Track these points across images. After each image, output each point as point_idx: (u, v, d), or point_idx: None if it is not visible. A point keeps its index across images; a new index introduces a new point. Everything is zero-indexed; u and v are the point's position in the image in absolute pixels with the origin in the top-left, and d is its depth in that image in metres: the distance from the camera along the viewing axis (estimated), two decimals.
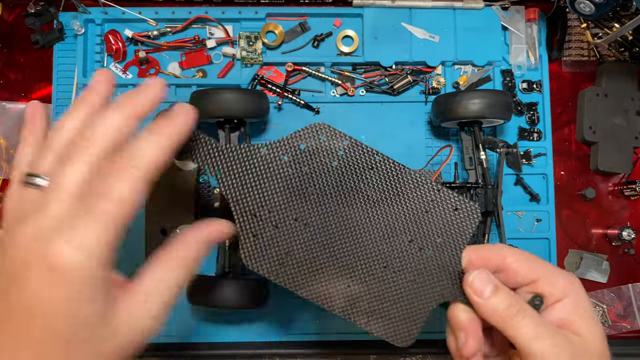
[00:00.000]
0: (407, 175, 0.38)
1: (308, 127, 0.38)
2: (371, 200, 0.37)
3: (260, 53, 0.63)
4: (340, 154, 0.37)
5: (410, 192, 0.38)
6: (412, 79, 0.64)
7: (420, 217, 0.37)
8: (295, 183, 0.37)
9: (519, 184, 0.64)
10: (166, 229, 0.57)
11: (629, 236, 0.63)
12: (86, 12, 0.63)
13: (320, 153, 0.37)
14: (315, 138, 0.37)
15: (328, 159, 0.37)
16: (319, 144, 0.37)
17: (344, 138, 0.38)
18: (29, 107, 0.33)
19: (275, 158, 0.37)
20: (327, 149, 0.37)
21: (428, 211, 0.38)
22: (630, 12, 0.54)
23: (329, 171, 0.37)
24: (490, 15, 0.65)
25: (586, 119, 0.65)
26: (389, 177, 0.38)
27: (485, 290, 0.34)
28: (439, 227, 0.37)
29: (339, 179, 0.37)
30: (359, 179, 0.37)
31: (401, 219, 0.37)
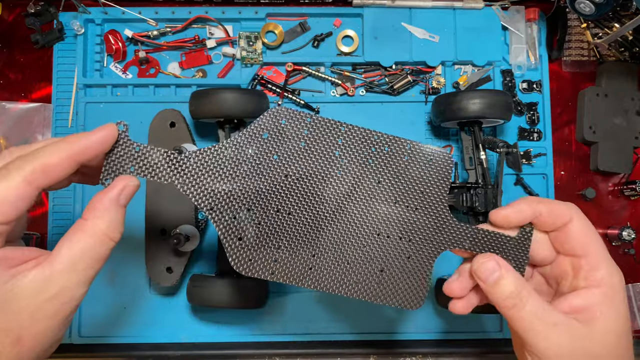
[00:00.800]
0: (377, 138, 0.37)
1: (266, 114, 0.36)
2: (348, 172, 0.37)
3: (260, 53, 0.63)
4: (305, 133, 0.36)
5: (384, 154, 0.37)
6: (412, 79, 0.64)
7: (399, 177, 0.37)
8: (268, 174, 0.36)
9: (519, 184, 0.64)
10: (166, 229, 0.57)
11: (629, 236, 0.63)
12: (86, 12, 0.63)
13: (285, 137, 0.36)
14: (276, 123, 0.36)
15: (294, 141, 0.36)
16: (281, 129, 0.36)
17: (305, 116, 0.36)
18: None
19: (241, 154, 0.36)
20: (291, 132, 0.36)
21: (405, 168, 0.37)
22: (630, 12, 0.54)
23: (299, 153, 0.36)
24: (490, 15, 0.65)
25: (586, 119, 0.65)
26: (360, 144, 0.37)
27: (489, 279, 0.34)
28: (419, 181, 0.37)
29: (311, 158, 0.36)
30: (330, 153, 0.37)
31: (382, 182, 0.37)
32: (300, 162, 0.36)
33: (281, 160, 0.36)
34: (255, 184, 0.36)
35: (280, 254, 0.36)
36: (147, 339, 0.61)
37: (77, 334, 0.60)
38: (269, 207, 0.36)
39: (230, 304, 0.54)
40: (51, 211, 0.62)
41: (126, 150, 0.34)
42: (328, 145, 0.37)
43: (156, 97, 0.63)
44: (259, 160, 0.36)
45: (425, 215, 0.37)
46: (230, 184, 0.36)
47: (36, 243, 0.61)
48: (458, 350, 0.60)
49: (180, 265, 0.57)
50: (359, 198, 0.37)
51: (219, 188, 0.35)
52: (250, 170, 0.36)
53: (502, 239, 0.37)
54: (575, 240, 0.35)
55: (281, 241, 0.36)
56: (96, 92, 0.63)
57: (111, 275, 0.61)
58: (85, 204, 0.62)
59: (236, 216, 0.35)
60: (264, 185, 0.36)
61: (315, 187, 0.36)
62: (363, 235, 0.37)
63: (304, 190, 0.36)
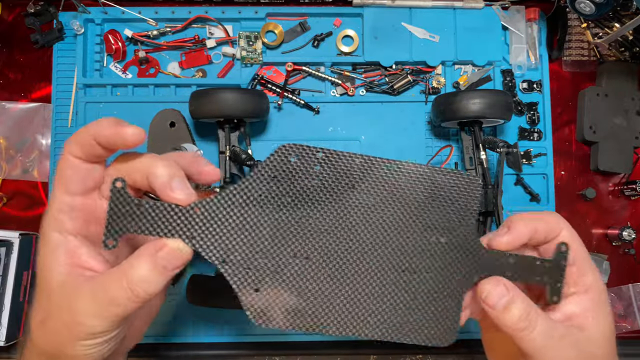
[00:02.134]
0: (396, 168, 0.35)
1: (274, 153, 0.33)
2: (366, 207, 0.34)
3: (260, 53, 0.63)
4: (317, 169, 0.34)
5: (404, 185, 0.35)
6: (412, 78, 0.64)
7: (422, 207, 0.35)
8: (281, 217, 0.33)
9: (519, 184, 0.64)
10: None
11: (629, 236, 0.63)
12: (86, 12, 0.63)
13: (295, 177, 0.33)
14: (285, 162, 0.33)
15: (306, 179, 0.34)
16: (291, 168, 0.33)
17: (316, 151, 0.34)
18: None
19: (251, 199, 0.33)
20: (302, 170, 0.34)
21: (427, 198, 0.35)
22: (630, 12, 0.54)
23: (312, 192, 0.34)
24: (491, 15, 0.65)
25: (586, 119, 0.65)
26: (377, 176, 0.34)
27: (498, 304, 0.34)
28: (444, 210, 0.35)
29: (324, 196, 0.34)
30: (346, 188, 0.34)
31: (404, 215, 0.35)
32: (313, 200, 0.34)
33: (294, 200, 0.34)
34: (267, 229, 0.33)
35: (302, 302, 0.33)
36: (147, 339, 0.61)
37: None
38: (285, 252, 0.33)
39: (230, 304, 0.54)
40: None
41: (125, 207, 0.32)
42: (342, 180, 0.34)
43: (156, 97, 0.63)
44: (270, 203, 0.33)
45: (453, 247, 0.35)
46: (241, 232, 0.33)
47: (36, 243, 0.61)
48: (458, 350, 0.60)
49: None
50: (381, 234, 0.34)
51: (229, 238, 0.33)
52: (262, 215, 0.33)
53: (537, 263, 0.35)
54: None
55: (301, 288, 0.33)
56: (96, 92, 0.63)
57: None
58: None
59: (251, 266, 0.33)
60: (277, 230, 0.33)
61: (333, 227, 0.34)
62: (388, 275, 0.34)
63: (321, 231, 0.34)
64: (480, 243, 0.35)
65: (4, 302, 0.57)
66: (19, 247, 0.58)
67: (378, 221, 0.35)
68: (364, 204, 0.34)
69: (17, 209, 0.63)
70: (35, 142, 0.64)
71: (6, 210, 0.63)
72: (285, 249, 0.33)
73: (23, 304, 0.60)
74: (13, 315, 0.58)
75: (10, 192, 0.63)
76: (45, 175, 0.63)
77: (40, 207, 0.63)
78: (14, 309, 0.58)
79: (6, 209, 0.63)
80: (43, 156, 0.63)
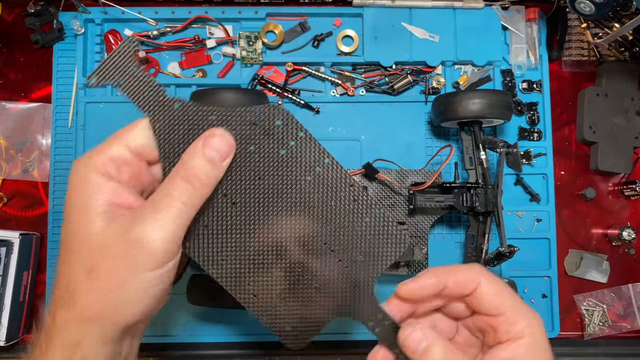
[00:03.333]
0: (349, 187, 0.36)
1: (265, 107, 0.35)
2: (305, 201, 0.35)
3: (260, 53, 0.63)
4: (291, 144, 0.35)
5: (345, 204, 0.36)
6: (412, 78, 0.64)
7: (347, 230, 0.36)
8: (238, 159, 0.35)
9: (519, 184, 0.64)
10: None
11: (629, 236, 0.63)
12: (86, 12, 0.63)
13: (271, 137, 0.35)
14: (270, 120, 0.35)
15: (277, 145, 0.35)
16: (272, 127, 0.35)
17: (300, 129, 0.35)
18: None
19: (223, 125, 0.35)
20: (280, 135, 0.35)
21: (353, 225, 0.36)
22: (630, 12, 0.54)
23: (275, 160, 0.35)
24: (490, 15, 0.65)
25: (586, 119, 0.65)
26: (331, 181, 0.35)
27: (417, 349, 0.34)
28: (363, 245, 0.36)
29: (284, 170, 0.35)
30: (301, 175, 0.35)
31: (329, 225, 0.36)
32: (270, 165, 0.35)
33: (255, 154, 0.35)
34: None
35: (222, 247, 0.35)
36: (147, 339, 0.61)
37: None
38: (223, 191, 0.35)
39: (230, 304, 0.54)
40: (51, 211, 0.62)
41: (126, 60, 0.33)
42: (305, 166, 0.35)
43: None
44: (236, 142, 0.35)
45: (350, 276, 0.36)
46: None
47: (36, 243, 0.61)
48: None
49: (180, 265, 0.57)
50: (300, 232, 0.36)
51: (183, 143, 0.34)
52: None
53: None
54: (488, 303, 0.35)
55: (222, 228, 0.35)
56: (96, 92, 0.63)
57: None
58: None
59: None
60: (231, 168, 0.35)
61: (268, 197, 0.35)
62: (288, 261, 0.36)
63: (258, 193, 0.35)
64: (373, 294, 0.36)
65: (4, 302, 0.57)
66: (19, 247, 0.58)
67: (304, 219, 0.36)
68: (305, 196, 0.35)
69: (17, 209, 0.63)
70: (35, 142, 0.64)
71: (6, 210, 0.63)
72: (225, 188, 0.35)
73: (23, 304, 0.60)
74: (13, 315, 0.58)
75: (10, 192, 0.63)
76: (46, 175, 0.63)
77: (41, 207, 0.63)
78: (14, 309, 0.58)
79: (6, 209, 0.63)
80: (43, 156, 0.63)
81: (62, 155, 0.62)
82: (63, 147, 0.62)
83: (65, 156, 0.62)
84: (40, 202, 0.63)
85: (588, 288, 0.65)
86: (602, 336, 0.64)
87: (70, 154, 0.62)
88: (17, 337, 0.60)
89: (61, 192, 0.62)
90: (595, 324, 0.64)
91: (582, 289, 0.65)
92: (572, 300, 0.65)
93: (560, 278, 0.64)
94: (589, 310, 0.64)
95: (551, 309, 0.63)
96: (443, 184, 0.58)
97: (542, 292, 0.63)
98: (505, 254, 0.55)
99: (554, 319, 0.63)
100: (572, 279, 0.65)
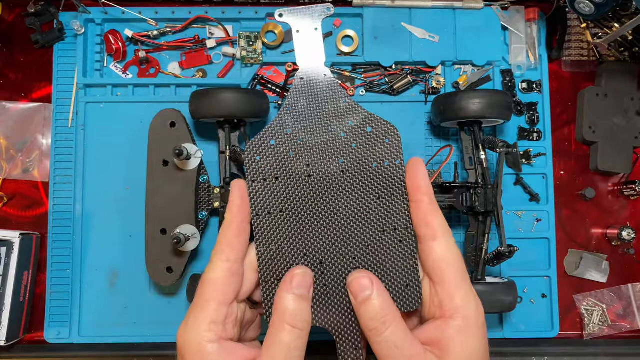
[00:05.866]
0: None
1: (386, 123, 0.38)
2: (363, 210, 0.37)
3: (260, 53, 0.63)
4: (385, 164, 0.37)
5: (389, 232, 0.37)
6: (412, 79, 0.64)
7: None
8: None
9: (518, 184, 0.64)
10: (166, 229, 0.57)
11: (629, 236, 0.63)
12: (86, 12, 0.63)
13: (378, 152, 0.37)
14: (382, 137, 0.37)
15: (373, 161, 0.37)
16: (382, 142, 0.37)
17: (400, 156, 0.37)
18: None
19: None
20: (384, 151, 0.37)
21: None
22: (630, 12, 0.54)
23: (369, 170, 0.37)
24: (490, 15, 0.65)
25: (586, 119, 0.65)
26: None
27: (359, 296, 0.34)
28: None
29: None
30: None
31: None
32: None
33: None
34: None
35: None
36: (147, 339, 0.61)
37: (77, 334, 0.60)
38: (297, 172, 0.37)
39: None
40: (51, 211, 0.62)
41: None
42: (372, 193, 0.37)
43: (156, 97, 0.63)
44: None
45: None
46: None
47: (36, 243, 0.61)
48: None
49: (180, 265, 0.57)
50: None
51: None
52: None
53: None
54: (435, 262, 0.34)
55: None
56: (96, 92, 0.63)
57: (112, 275, 0.61)
58: (85, 204, 0.62)
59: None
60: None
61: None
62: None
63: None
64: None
65: (5, 302, 0.57)
66: (20, 247, 0.58)
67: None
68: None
69: (17, 209, 0.63)
70: (35, 142, 0.64)
71: (6, 210, 0.63)
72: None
73: (23, 304, 0.60)
74: (13, 315, 0.58)
75: (10, 192, 0.63)
76: (46, 175, 0.63)
77: (41, 207, 0.63)
78: (14, 309, 0.58)
79: (6, 209, 0.63)
80: (43, 156, 0.63)
81: (62, 155, 0.62)
82: (63, 147, 0.62)
83: (66, 156, 0.62)
84: (41, 202, 0.63)
85: (588, 288, 0.65)
86: (601, 336, 0.64)
87: (70, 154, 0.62)
88: (17, 337, 0.60)
89: (61, 192, 0.62)
90: (594, 323, 0.64)
91: (582, 289, 0.65)
92: (572, 300, 0.65)
93: (560, 278, 0.64)
94: (588, 310, 0.64)
95: (551, 309, 0.63)
96: (443, 183, 0.58)
97: (541, 292, 0.63)
98: (505, 253, 0.55)
99: (553, 319, 0.63)
100: (571, 278, 0.65)
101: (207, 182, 0.59)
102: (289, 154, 0.37)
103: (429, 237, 0.34)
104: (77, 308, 0.61)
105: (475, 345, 0.32)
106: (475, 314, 0.33)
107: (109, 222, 0.62)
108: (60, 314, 0.61)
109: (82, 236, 0.61)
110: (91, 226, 0.62)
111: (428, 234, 0.34)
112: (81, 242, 0.61)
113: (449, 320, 0.33)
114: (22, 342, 0.61)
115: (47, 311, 0.61)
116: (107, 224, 0.62)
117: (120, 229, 0.61)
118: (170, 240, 0.55)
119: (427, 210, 0.35)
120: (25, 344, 0.62)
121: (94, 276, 0.61)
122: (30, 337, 0.62)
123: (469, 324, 0.32)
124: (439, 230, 0.34)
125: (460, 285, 0.33)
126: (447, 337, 0.32)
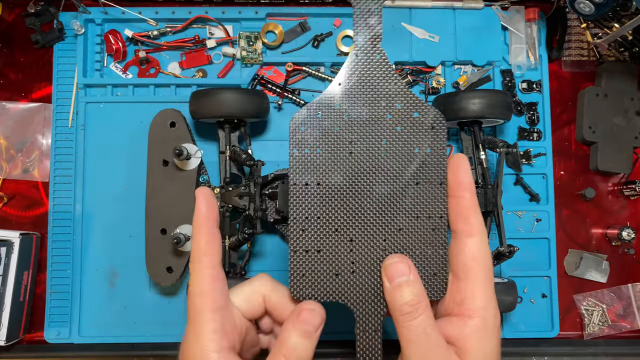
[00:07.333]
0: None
1: (435, 111, 0.37)
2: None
3: (260, 53, 0.63)
4: (428, 152, 0.37)
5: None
6: (412, 78, 0.64)
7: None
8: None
9: (518, 184, 0.64)
10: (166, 229, 0.57)
11: (629, 236, 0.63)
12: (86, 12, 0.63)
13: (423, 138, 0.37)
14: (428, 123, 0.37)
15: (416, 146, 0.37)
16: (427, 129, 0.37)
17: (444, 145, 0.37)
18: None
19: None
20: (428, 138, 0.37)
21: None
22: (630, 12, 0.54)
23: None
24: (490, 15, 0.65)
25: (586, 119, 0.65)
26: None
27: (395, 280, 0.34)
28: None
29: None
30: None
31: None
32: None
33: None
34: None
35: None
36: (147, 338, 0.61)
37: (77, 334, 0.60)
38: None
39: None
40: (51, 211, 0.62)
41: None
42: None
43: (156, 97, 0.63)
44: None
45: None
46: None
47: (36, 243, 0.61)
48: None
49: (180, 265, 0.57)
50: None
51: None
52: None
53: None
54: (466, 259, 0.34)
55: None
56: (96, 92, 0.63)
57: (111, 275, 0.61)
58: (85, 204, 0.62)
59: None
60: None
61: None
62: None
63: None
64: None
65: (5, 302, 0.57)
66: (19, 247, 0.58)
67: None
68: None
69: (17, 209, 0.63)
70: (35, 142, 0.64)
71: (6, 210, 0.63)
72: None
73: (23, 304, 0.60)
74: (13, 315, 0.58)
75: (10, 192, 0.63)
76: (46, 175, 0.63)
77: (41, 207, 0.63)
78: (14, 309, 0.58)
79: (6, 208, 0.63)
80: (43, 156, 0.63)
81: (62, 155, 0.62)
82: (63, 147, 0.62)
83: (66, 156, 0.62)
84: (41, 202, 0.63)
85: (588, 288, 0.65)
86: (601, 336, 0.64)
87: (70, 154, 0.62)
88: (17, 336, 0.60)
89: (61, 192, 0.62)
90: (594, 323, 0.64)
91: (582, 289, 0.65)
92: (572, 300, 0.65)
93: (560, 278, 0.64)
94: (588, 310, 0.64)
95: (551, 308, 0.63)
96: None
97: (541, 292, 0.63)
98: (505, 253, 0.55)
99: (553, 318, 0.63)
100: (571, 278, 0.65)
101: (207, 182, 0.59)
102: (333, 129, 0.37)
103: (465, 233, 0.34)
104: (77, 308, 0.61)
105: (491, 345, 0.33)
106: (493, 317, 0.33)
107: (108, 222, 0.62)
108: (60, 314, 0.61)
109: (82, 236, 0.61)
110: (91, 226, 0.62)
111: (465, 230, 0.34)
112: (81, 242, 0.61)
113: (467, 320, 0.33)
114: (22, 342, 0.61)
115: (47, 311, 0.61)
116: (107, 224, 0.62)
117: (120, 229, 0.61)
118: (170, 240, 0.55)
119: (468, 207, 0.35)
120: (25, 344, 0.62)
121: (94, 276, 0.61)
122: (30, 337, 0.62)
123: (487, 325, 0.33)
124: (477, 228, 0.34)
125: (486, 287, 0.34)
126: (464, 336, 0.33)
